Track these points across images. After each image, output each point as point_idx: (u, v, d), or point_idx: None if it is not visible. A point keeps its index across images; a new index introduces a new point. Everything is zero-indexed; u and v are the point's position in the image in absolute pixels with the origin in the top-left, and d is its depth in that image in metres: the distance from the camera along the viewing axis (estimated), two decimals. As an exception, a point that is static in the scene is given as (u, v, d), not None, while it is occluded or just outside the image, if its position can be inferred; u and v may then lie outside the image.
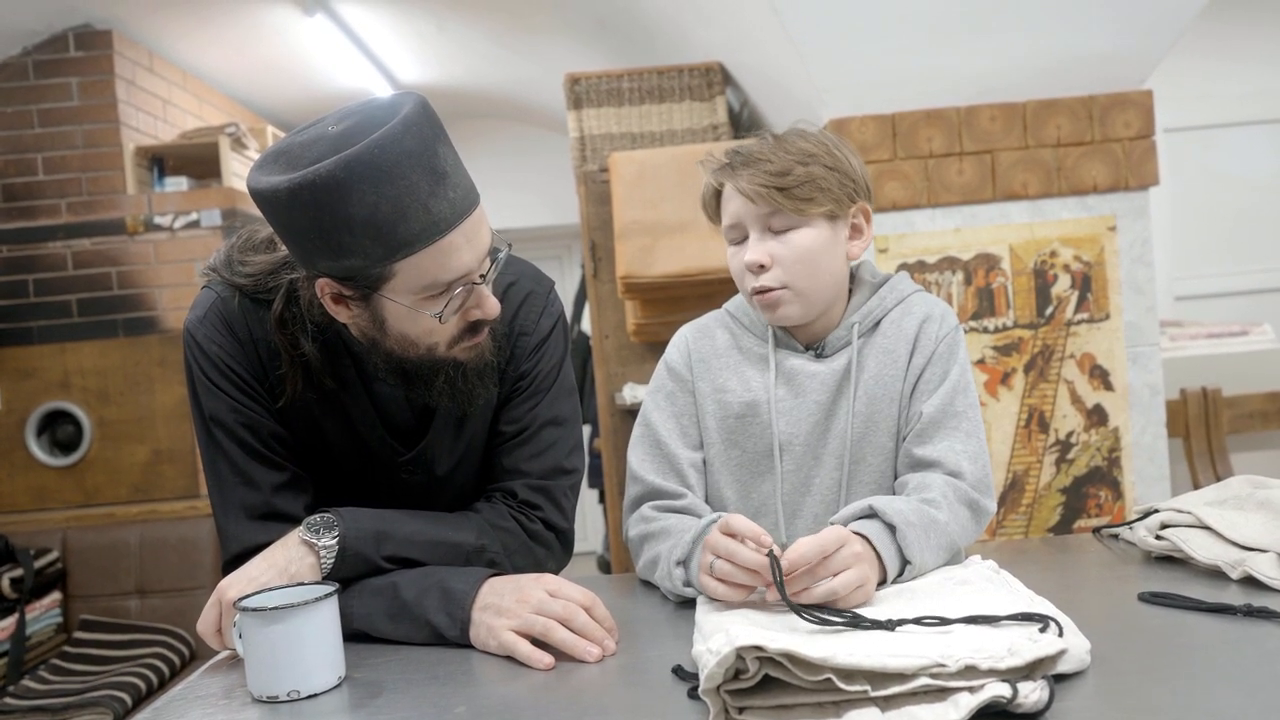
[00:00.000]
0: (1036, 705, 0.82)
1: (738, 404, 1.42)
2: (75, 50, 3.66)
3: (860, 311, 1.41)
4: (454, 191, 1.11)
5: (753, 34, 2.60)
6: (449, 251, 1.11)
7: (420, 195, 1.07)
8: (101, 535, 3.42)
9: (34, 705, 2.84)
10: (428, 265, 1.10)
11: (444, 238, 1.10)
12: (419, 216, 1.07)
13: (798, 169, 1.33)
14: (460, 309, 1.16)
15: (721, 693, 0.85)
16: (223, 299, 1.25)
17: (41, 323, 3.64)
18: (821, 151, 1.35)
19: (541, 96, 4.85)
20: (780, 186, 1.32)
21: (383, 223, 1.06)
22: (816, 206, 1.34)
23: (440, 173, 1.09)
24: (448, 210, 1.10)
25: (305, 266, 1.14)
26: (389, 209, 1.06)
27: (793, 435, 1.40)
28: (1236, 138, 4.86)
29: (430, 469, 1.32)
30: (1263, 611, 1.01)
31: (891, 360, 1.39)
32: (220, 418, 1.24)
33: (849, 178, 1.37)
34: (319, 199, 1.05)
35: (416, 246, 1.08)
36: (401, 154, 1.06)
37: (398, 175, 1.06)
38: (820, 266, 1.36)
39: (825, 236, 1.36)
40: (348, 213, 1.05)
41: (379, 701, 1.00)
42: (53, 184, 3.68)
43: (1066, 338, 2.47)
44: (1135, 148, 2.46)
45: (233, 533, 1.24)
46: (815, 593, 1.07)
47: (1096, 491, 2.49)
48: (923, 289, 1.46)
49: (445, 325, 1.16)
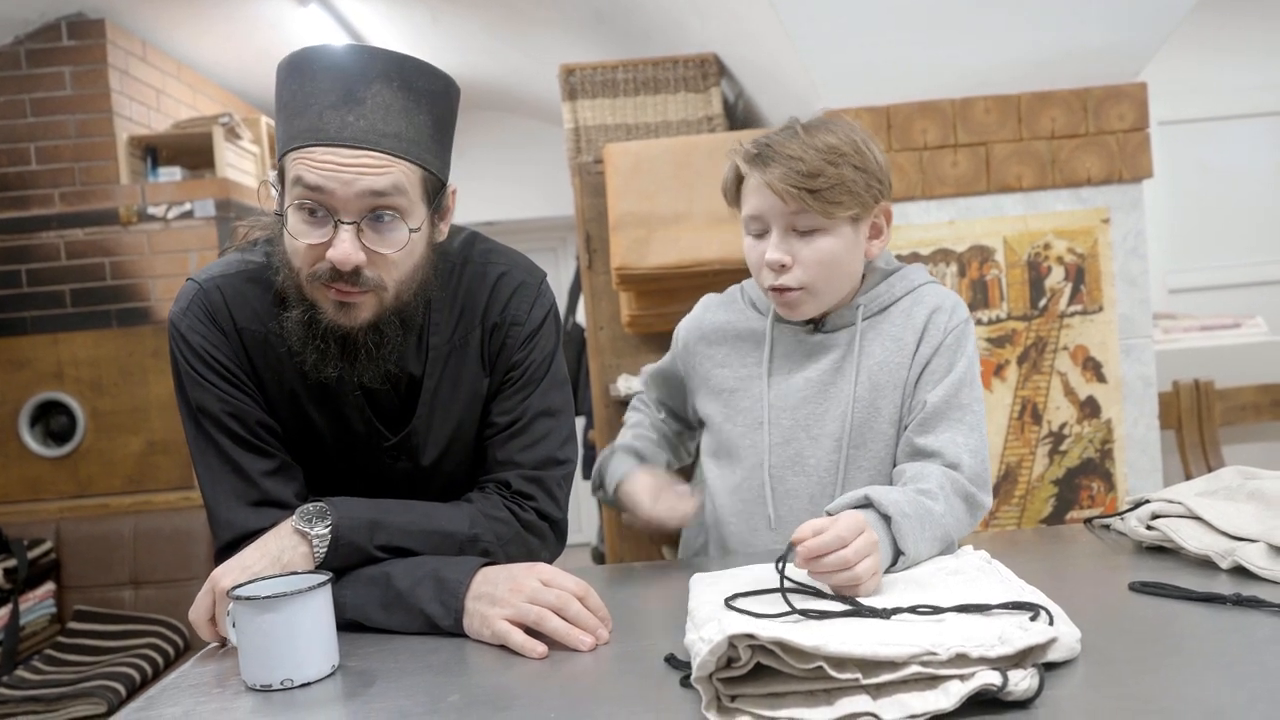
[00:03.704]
0: (1026, 693, 0.82)
1: (728, 378, 1.47)
2: (68, 39, 3.64)
3: (867, 295, 1.42)
4: (361, 121, 1.13)
5: (748, 26, 2.60)
6: (317, 163, 1.13)
7: (322, 102, 1.13)
8: (95, 526, 3.42)
9: (28, 695, 2.83)
10: (298, 168, 1.14)
11: (318, 148, 1.13)
12: (312, 117, 1.13)
13: (829, 170, 1.32)
14: (320, 243, 1.15)
15: (714, 681, 0.85)
16: (205, 290, 1.26)
17: (34, 313, 3.63)
18: (851, 150, 1.34)
19: (536, 88, 4.84)
20: (811, 189, 1.31)
21: (291, 111, 1.15)
22: (844, 210, 1.33)
23: (357, 97, 1.14)
24: (336, 127, 1.13)
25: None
26: (300, 101, 1.14)
27: (779, 408, 1.41)
28: (1231, 131, 4.87)
29: (416, 456, 1.32)
30: (1252, 601, 1.02)
31: (898, 348, 1.39)
32: (207, 408, 1.24)
33: (876, 179, 1.36)
34: (277, 77, 1.18)
35: (299, 141, 1.14)
36: (333, 65, 1.14)
37: (317, 78, 1.14)
38: (840, 268, 1.37)
39: (848, 239, 1.36)
40: (281, 95, 1.17)
41: (372, 690, 1.00)
42: (46, 174, 3.66)
43: (1060, 330, 2.47)
44: (1129, 140, 2.46)
45: (224, 520, 1.24)
46: (837, 580, 1.07)
47: (1089, 483, 2.50)
48: (937, 281, 1.46)
49: (304, 249, 1.16)
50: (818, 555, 1.06)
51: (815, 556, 1.06)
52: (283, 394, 1.27)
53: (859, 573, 1.07)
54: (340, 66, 1.14)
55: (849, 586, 1.08)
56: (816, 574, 1.08)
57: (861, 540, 1.08)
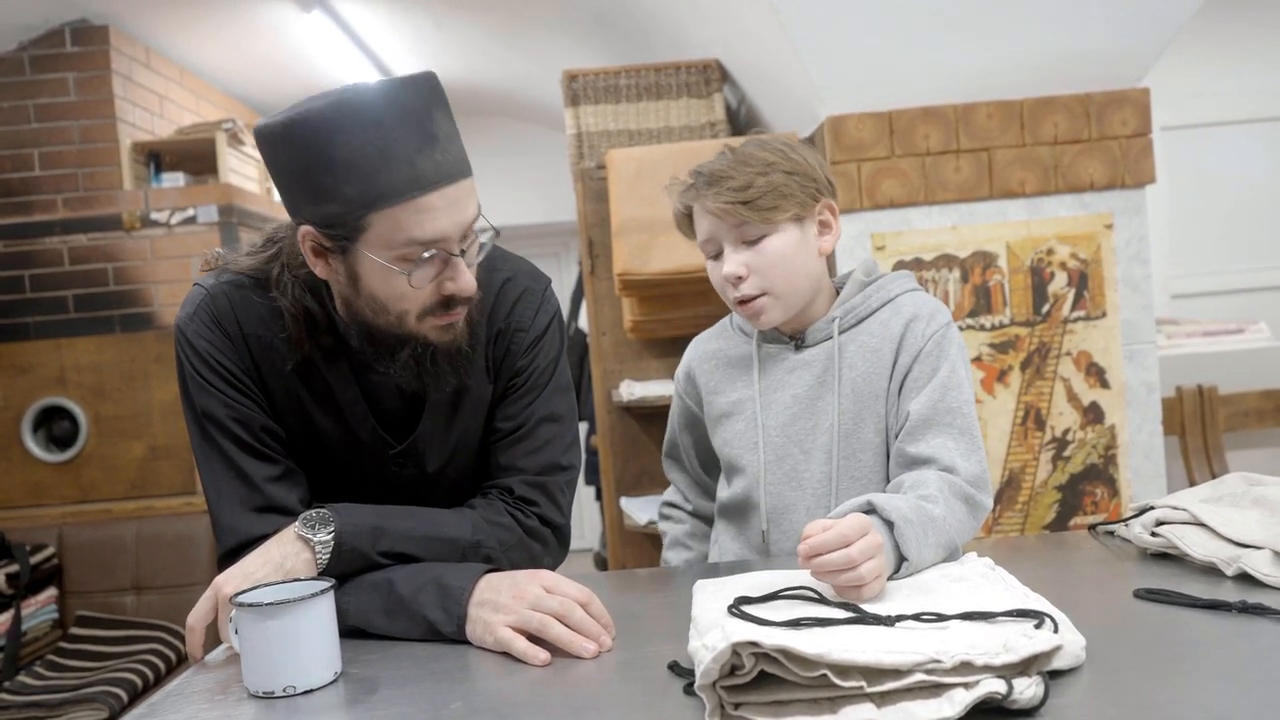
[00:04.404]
0: (1031, 701, 0.82)
1: (725, 403, 1.50)
2: (72, 46, 3.65)
3: (843, 307, 1.46)
4: (442, 155, 1.10)
5: (750, 31, 2.60)
6: (427, 211, 1.10)
7: (407, 148, 1.08)
8: (98, 531, 3.42)
9: (30, 701, 2.83)
10: (404, 221, 1.10)
11: (424, 196, 1.09)
12: (402, 169, 1.08)
13: (758, 180, 1.38)
14: (435, 279, 1.15)
15: (717, 688, 0.85)
16: (212, 296, 1.26)
17: (38, 318, 3.63)
18: (779, 159, 1.41)
19: (539, 93, 4.85)
20: (745, 200, 1.38)
21: (366, 167, 1.06)
22: (782, 213, 1.39)
23: (431, 134, 1.10)
24: (432, 170, 1.09)
25: (291, 214, 1.15)
26: (374, 155, 1.06)
27: (771, 426, 1.45)
28: (1233, 136, 4.86)
29: (421, 463, 1.32)
30: (1257, 608, 1.02)
31: (877, 359, 1.42)
32: (212, 413, 1.24)
33: (809, 178, 1.42)
34: (308, 137, 1.06)
35: (395, 199, 1.08)
36: (396, 105, 1.07)
37: (388, 124, 1.06)
38: (795, 267, 1.42)
39: (795, 238, 1.41)
40: (332, 154, 1.06)
41: (375, 698, 1.00)
42: (49, 179, 3.67)
43: (1063, 335, 2.47)
44: (1132, 146, 2.46)
45: (228, 525, 1.24)
46: (840, 580, 1.06)
47: (1093, 489, 2.49)
48: (919, 289, 1.49)
49: (417, 293, 1.14)
50: (819, 553, 1.06)
51: (817, 554, 1.05)
52: (289, 400, 1.27)
53: (862, 573, 1.06)
54: (404, 107, 1.08)
55: (852, 588, 1.07)
56: (819, 574, 1.07)
57: (866, 541, 1.07)
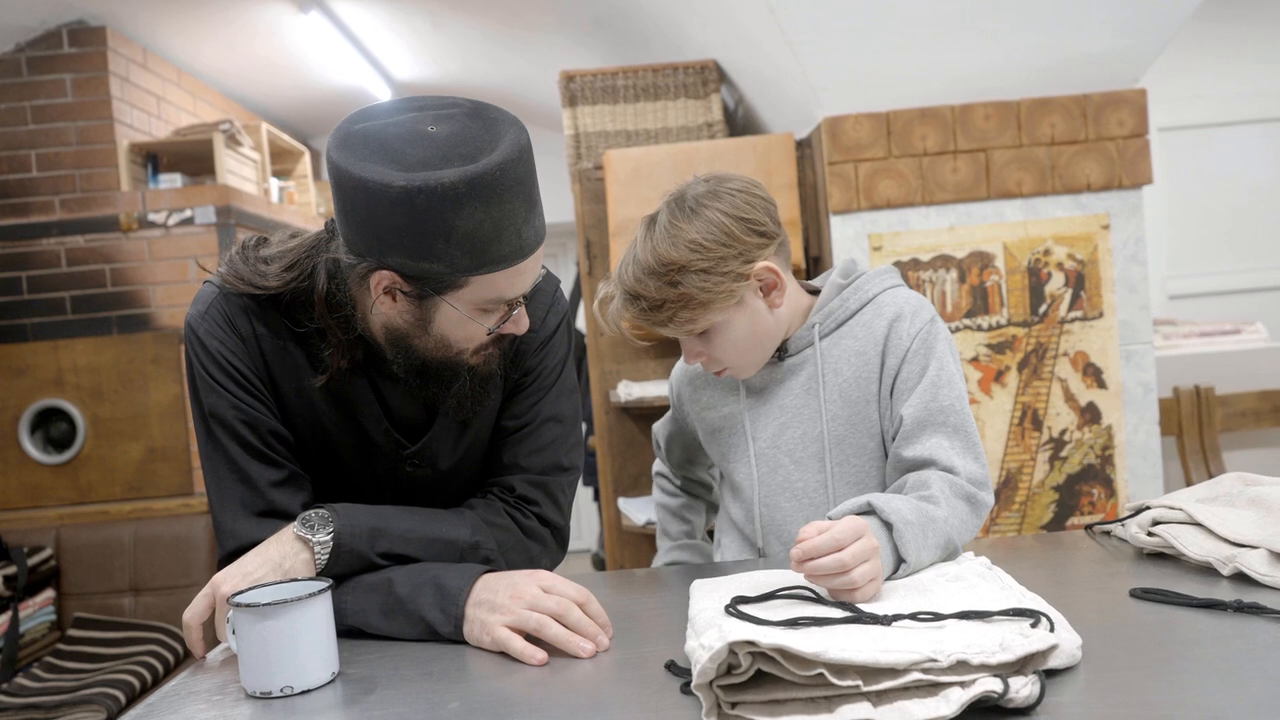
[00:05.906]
0: (1027, 700, 0.82)
1: (716, 418, 1.50)
2: (69, 47, 3.65)
3: (821, 312, 1.43)
4: (539, 220, 1.16)
5: (748, 32, 2.60)
6: (521, 274, 1.16)
7: (517, 220, 1.12)
8: (95, 533, 3.41)
9: (27, 703, 2.83)
10: (500, 283, 1.14)
11: (524, 262, 1.14)
12: (511, 240, 1.12)
13: (671, 293, 1.33)
14: (493, 319, 1.19)
15: (714, 688, 0.85)
16: (225, 295, 1.25)
17: (35, 320, 3.63)
18: (693, 255, 1.32)
19: (536, 94, 4.85)
20: (661, 321, 1.36)
21: (482, 239, 1.10)
22: (708, 312, 1.34)
23: (534, 201, 1.15)
24: (533, 238, 1.15)
25: (371, 256, 1.12)
26: (491, 228, 1.10)
27: (761, 439, 1.45)
28: (1230, 137, 4.87)
29: (434, 463, 1.33)
30: (1253, 607, 1.02)
31: (863, 362, 1.40)
32: (220, 414, 1.24)
33: (733, 257, 1.33)
34: (433, 205, 1.06)
35: (501, 265, 1.12)
36: (513, 179, 1.10)
37: (506, 199, 1.10)
38: (750, 339, 1.40)
39: (738, 315, 1.37)
40: (454, 224, 1.08)
41: (372, 698, 1.00)
42: (46, 181, 3.67)
43: (1060, 336, 2.48)
44: (1129, 146, 2.47)
45: (229, 528, 1.23)
46: (833, 584, 1.06)
47: (1090, 489, 2.50)
48: (899, 285, 1.45)
49: (477, 334, 1.19)
50: (811, 557, 1.05)
51: (809, 559, 1.05)
52: (300, 403, 1.27)
53: (855, 578, 1.06)
54: (518, 180, 1.11)
55: (845, 592, 1.07)
56: (812, 577, 1.07)
57: (860, 545, 1.07)
